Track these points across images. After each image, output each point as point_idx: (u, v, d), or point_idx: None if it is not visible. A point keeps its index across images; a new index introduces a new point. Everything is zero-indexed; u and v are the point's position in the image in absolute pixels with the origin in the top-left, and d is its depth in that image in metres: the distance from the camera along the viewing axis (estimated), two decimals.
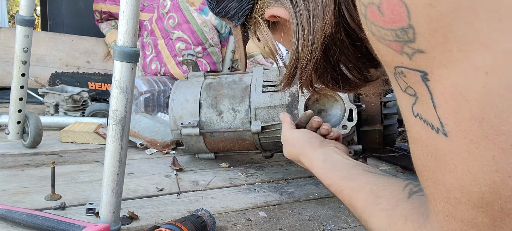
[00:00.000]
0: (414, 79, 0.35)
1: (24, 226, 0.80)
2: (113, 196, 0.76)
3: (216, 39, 1.83)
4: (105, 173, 0.76)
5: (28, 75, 1.22)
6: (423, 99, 0.35)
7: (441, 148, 0.35)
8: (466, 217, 0.35)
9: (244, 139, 1.15)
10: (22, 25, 1.16)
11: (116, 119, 0.74)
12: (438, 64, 0.33)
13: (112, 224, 0.77)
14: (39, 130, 1.28)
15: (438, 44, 0.32)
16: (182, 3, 1.81)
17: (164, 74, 1.83)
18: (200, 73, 1.23)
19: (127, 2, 0.71)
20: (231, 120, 1.14)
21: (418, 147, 0.38)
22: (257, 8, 0.52)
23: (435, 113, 0.34)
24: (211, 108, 1.15)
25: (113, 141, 0.75)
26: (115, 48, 0.73)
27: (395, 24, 0.34)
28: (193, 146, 1.20)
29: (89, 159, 1.25)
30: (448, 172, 0.35)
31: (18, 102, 1.22)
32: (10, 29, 2.17)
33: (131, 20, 0.72)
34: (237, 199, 1.02)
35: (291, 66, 0.51)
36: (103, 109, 1.67)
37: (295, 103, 0.98)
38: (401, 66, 0.35)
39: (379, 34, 0.36)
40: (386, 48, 0.36)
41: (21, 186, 1.02)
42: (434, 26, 0.32)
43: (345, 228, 0.90)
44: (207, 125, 1.15)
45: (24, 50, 1.18)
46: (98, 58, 2.23)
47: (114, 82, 0.73)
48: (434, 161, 0.36)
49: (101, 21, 2.29)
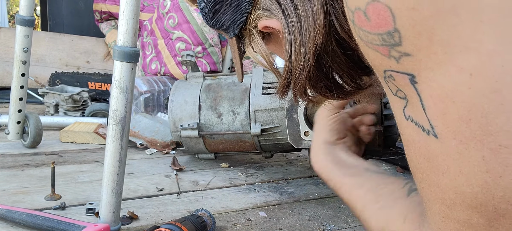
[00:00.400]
0: (403, 82, 0.35)
1: (24, 226, 0.80)
2: (113, 196, 0.76)
3: (216, 39, 1.83)
4: (105, 173, 0.76)
5: (28, 75, 1.22)
6: (413, 102, 0.35)
7: (433, 150, 0.35)
8: (462, 218, 0.36)
9: (244, 141, 1.15)
10: (22, 25, 1.16)
11: (116, 119, 0.74)
12: (424, 67, 0.33)
13: (112, 224, 0.77)
14: (39, 130, 1.28)
15: (423, 47, 0.32)
16: (182, 3, 1.81)
17: (164, 74, 1.83)
18: (200, 74, 1.23)
19: (127, 2, 0.71)
20: (230, 122, 1.14)
21: (411, 149, 0.38)
22: (250, 20, 0.52)
23: (424, 115, 0.34)
24: (210, 110, 1.15)
25: (113, 141, 0.75)
26: (115, 48, 0.73)
27: (381, 28, 0.34)
28: (193, 147, 1.20)
29: (89, 159, 1.25)
30: (441, 173, 0.35)
31: (18, 102, 1.22)
32: (10, 29, 2.17)
33: (131, 20, 0.72)
34: (237, 199, 1.02)
35: (285, 75, 0.51)
36: (103, 109, 1.67)
37: (295, 107, 0.98)
38: (390, 70, 0.36)
39: (367, 39, 0.36)
40: (374, 52, 0.36)
41: (21, 186, 1.02)
42: (418, 29, 0.32)
43: (345, 228, 0.90)
44: (207, 127, 1.15)
45: (24, 50, 1.18)
46: (98, 58, 2.23)
47: (114, 82, 0.73)
48: (427, 162, 0.36)
49: (101, 21, 2.29)
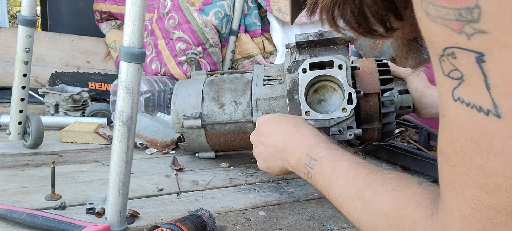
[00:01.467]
0: (466, 60, 0.35)
1: (24, 226, 0.80)
2: (120, 197, 0.76)
3: (217, 39, 1.83)
4: (111, 173, 0.75)
5: (30, 76, 1.22)
6: (472, 82, 0.35)
7: (489, 131, 0.35)
8: (503, 204, 0.35)
9: (245, 132, 1.16)
10: (24, 25, 1.15)
11: (122, 120, 0.74)
12: (499, 45, 0.33)
13: (119, 225, 0.76)
14: (40, 131, 1.28)
15: (503, 24, 0.32)
16: (183, 3, 1.81)
17: (164, 74, 1.83)
18: (203, 72, 1.27)
19: (133, 3, 0.71)
20: (232, 111, 1.16)
21: (454, 131, 0.38)
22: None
23: (488, 95, 0.34)
24: (213, 102, 1.18)
25: (119, 142, 0.74)
26: (121, 49, 0.73)
27: (461, 3, 0.34)
28: (194, 141, 1.21)
29: (89, 158, 1.25)
30: (492, 155, 0.35)
31: (19, 102, 1.22)
32: (10, 29, 2.17)
33: (137, 21, 0.72)
34: (237, 198, 1.02)
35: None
36: (103, 109, 1.67)
37: (296, 88, 0.99)
38: (454, 47, 0.35)
39: (437, 13, 0.36)
40: (441, 27, 0.36)
41: (21, 185, 1.02)
42: (503, 7, 0.32)
43: (345, 228, 0.90)
44: (209, 117, 1.17)
45: (26, 50, 1.17)
46: (98, 58, 2.23)
47: (120, 83, 0.73)
48: (474, 145, 0.36)
49: (101, 21, 2.29)
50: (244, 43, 1.90)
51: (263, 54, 1.94)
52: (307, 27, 1.85)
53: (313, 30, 1.10)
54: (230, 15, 1.85)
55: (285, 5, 1.82)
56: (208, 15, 1.80)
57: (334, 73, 0.96)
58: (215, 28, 1.82)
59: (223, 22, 1.82)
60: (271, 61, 1.89)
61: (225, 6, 1.83)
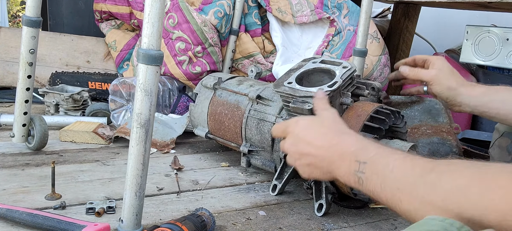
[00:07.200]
0: None
1: (24, 226, 0.81)
2: (136, 199, 0.75)
3: (216, 39, 1.83)
4: (128, 175, 0.75)
5: (34, 77, 1.20)
6: None
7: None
8: None
9: (238, 108, 1.18)
10: (28, 26, 1.13)
11: (140, 122, 0.74)
12: None
13: (135, 227, 0.76)
14: (45, 135, 1.26)
15: None
16: (182, 3, 1.81)
17: (164, 74, 1.83)
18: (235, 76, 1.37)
19: (152, 5, 0.71)
20: (245, 88, 1.22)
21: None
22: None
23: None
24: (235, 81, 1.27)
25: (137, 144, 0.74)
26: (140, 51, 0.72)
27: None
28: (197, 106, 1.27)
29: (89, 158, 1.25)
30: None
31: (24, 104, 1.20)
32: (10, 29, 2.17)
33: (156, 23, 0.71)
34: (236, 198, 1.02)
35: None
36: (103, 109, 1.67)
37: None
38: None
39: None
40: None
41: (21, 185, 1.02)
42: None
43: (345, 227, 0.90)
44: (226, 85, 1.26)
45: (31, 51, 1.15)
46: (98, 58, 2.23)
47: (138, 85, 0.73)
48: None
49: (101, 21, 2.28)
50: (244, 43, 1.90)
51: (263, 54, 1.94)
52: (307, 27, 1.84)
53: (313, 29, 1.10)
54: (229, 15, 1.85)
55: (285, 5, 1.82)
56: (208, 15, 1.80)
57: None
58: (215, 28, 1.82)
59: (222, 21, 1.82)
60: (271, 61, 1.89)
61: (224, 5, 1.83)
